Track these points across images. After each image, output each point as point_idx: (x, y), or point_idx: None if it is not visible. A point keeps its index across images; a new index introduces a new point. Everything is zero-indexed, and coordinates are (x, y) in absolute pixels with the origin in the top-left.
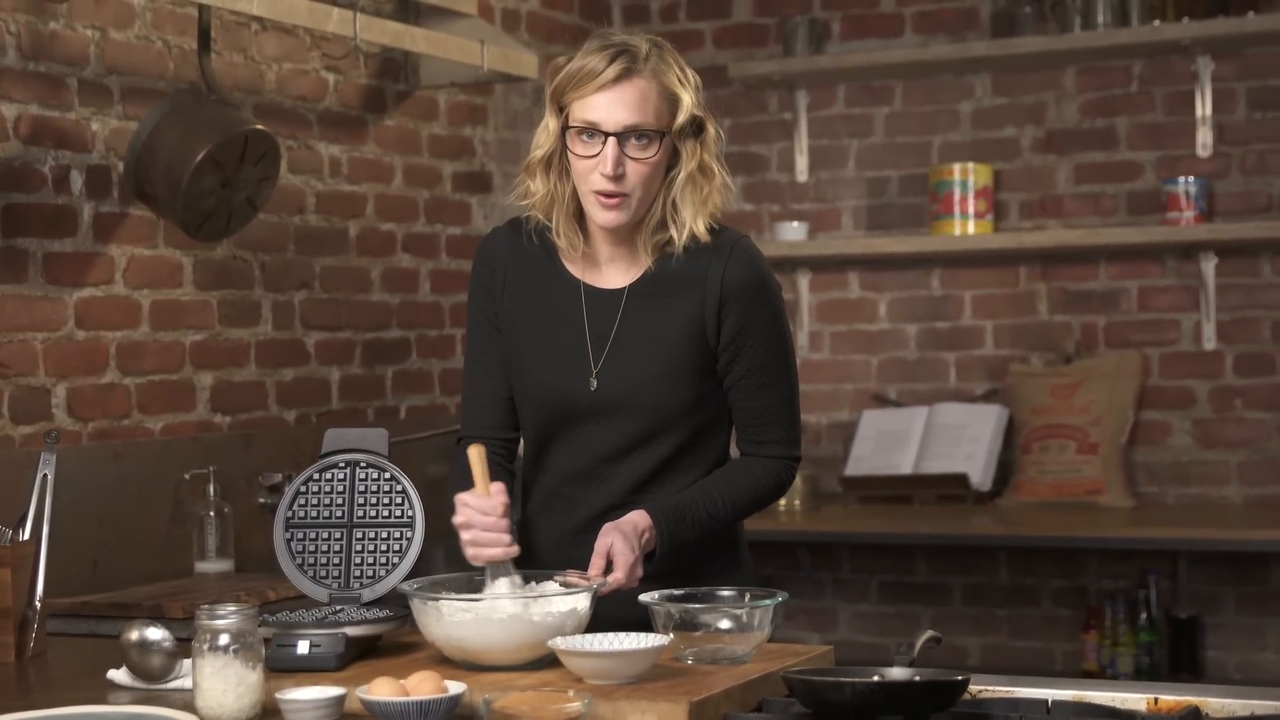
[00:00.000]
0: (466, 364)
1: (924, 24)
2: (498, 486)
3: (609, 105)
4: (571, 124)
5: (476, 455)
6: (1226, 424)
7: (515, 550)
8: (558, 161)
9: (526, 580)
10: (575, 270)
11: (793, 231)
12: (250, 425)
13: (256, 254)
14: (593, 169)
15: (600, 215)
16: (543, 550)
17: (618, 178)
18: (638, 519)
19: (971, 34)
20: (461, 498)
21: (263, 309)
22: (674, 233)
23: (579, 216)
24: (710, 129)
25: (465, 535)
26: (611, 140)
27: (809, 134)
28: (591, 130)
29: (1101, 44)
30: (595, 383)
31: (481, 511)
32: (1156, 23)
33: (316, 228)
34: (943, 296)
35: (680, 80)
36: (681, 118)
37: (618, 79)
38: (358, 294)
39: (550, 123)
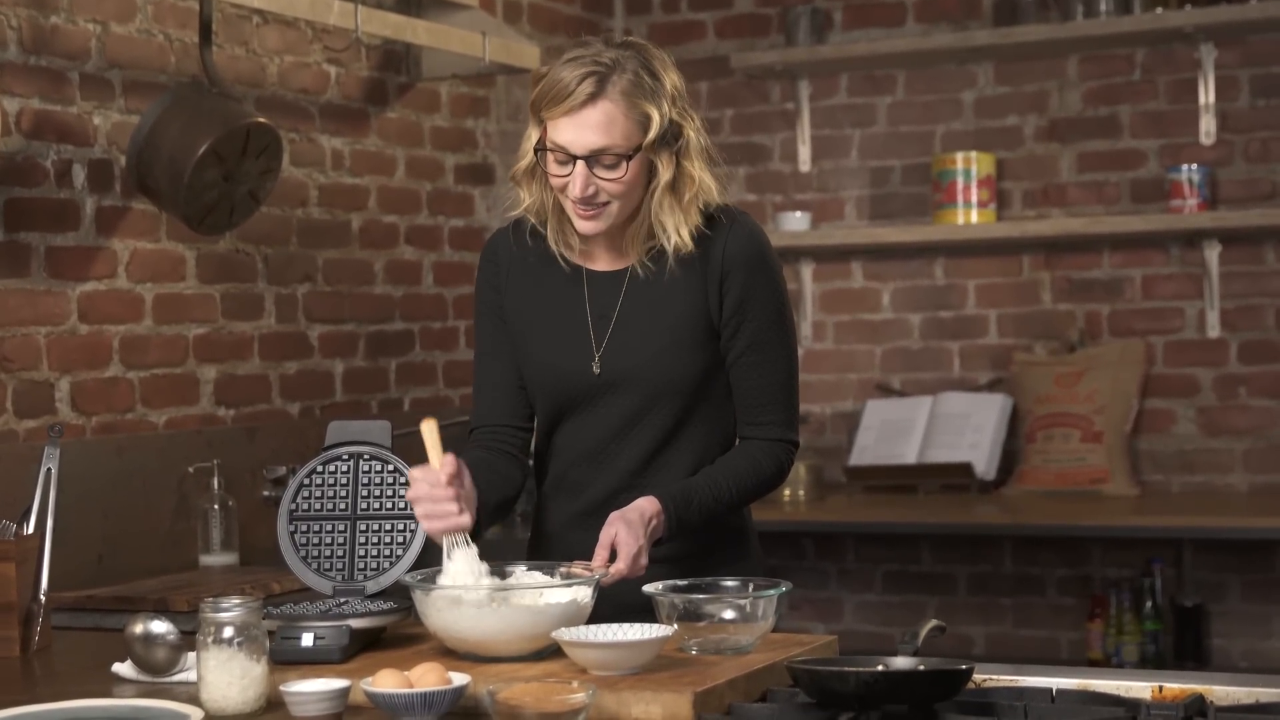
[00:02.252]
0: (476, 358)
1: (926, 13)
2: (447, 458)
3: (576, 129)
4: (545, 144)
5: (429, 429)
6: (1231, 412)
7: (465, 520)
8: (541, 171)
9: (503, 569)
10: (576, 258)
11: (796, 221)
12: (254, 418)
13: (259, 247)
14: (566, 186)
15: (580, 225)
16: (553, 534)
17: (588, 197)
18: (644, 505)
19: (974, 23)
20: (412, 472)
21: (266, 302)
22: (662, 241)
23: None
24: (689, 133)
25: (417, 510)
26: (580, 163)
27: (811, 124)
28: (562, 151)
29: (1104, 32)
30: (599, 362)
31: (428, 484)
32: (1159, 10)
33: (319, 220)
34: (946, 286)
35: (653, 93)
36: (652, 134)
37: (585, 103)
38: (361, 286)
39: (532, 133)
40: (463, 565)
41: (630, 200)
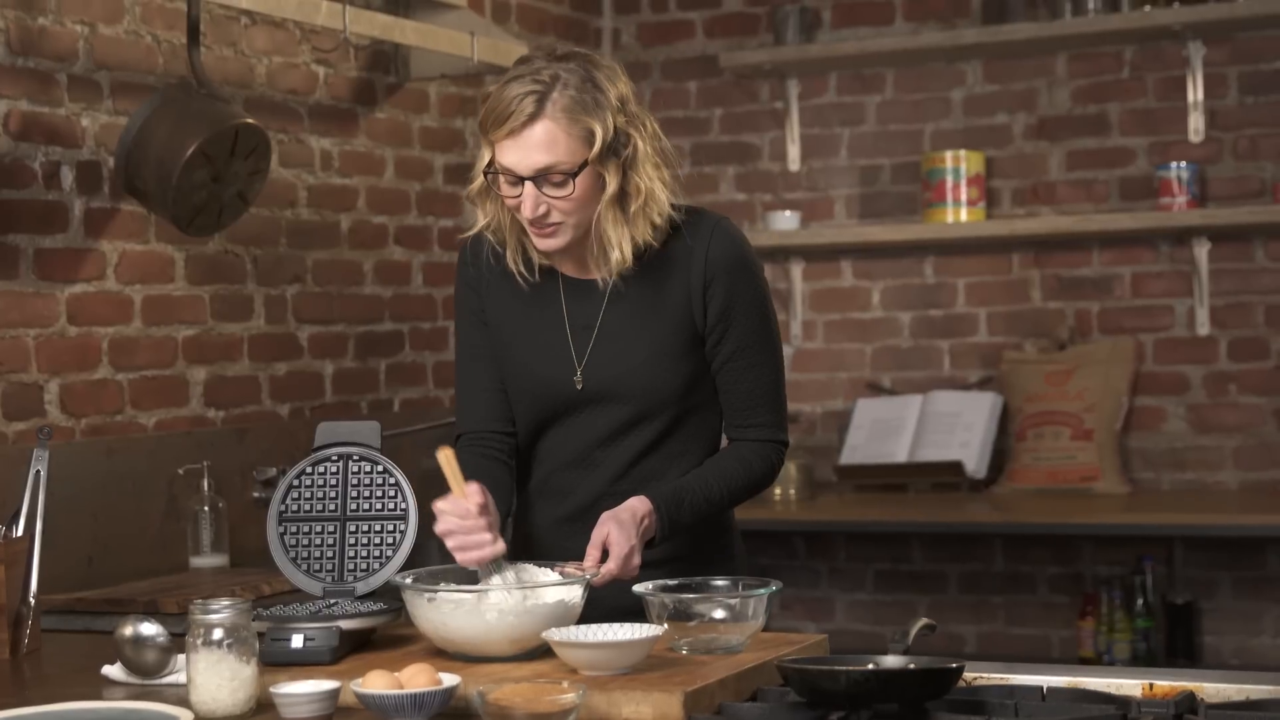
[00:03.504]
0: (458, 363)
1: (915, 11)
2: (473, 487)
3: (520, 150)
4: (495, 165)
5: (446, 459)
6: (1221, 409)
7: (501, 548)
8: (495, 192)
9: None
10: (555, 264)
11: (785, 221)
12: (244, 420)
13: (248, 248)
14: (518, 206)
15: (539, 243)
16: (537, 539)
17: (539, 217)
18: (636, 505)
19: (962, 21)
20: (438, 506)
21: (255, 303)
22: (611, 255)
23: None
24: (637, 142)
25: (450, 543)
26: (528, 184)
27: (801, 123)
28: (510, 173)
29: (1092, 30)
30: (581, 375)
31: (459, 516)
32: (1147, 8)
33: (308, 221)
34: (936, 284)
35: (596, 106)
36: (596, 148)
37: (525, 123)
38: (350, 287)
39: (484, 154)
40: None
41: (585, 215)
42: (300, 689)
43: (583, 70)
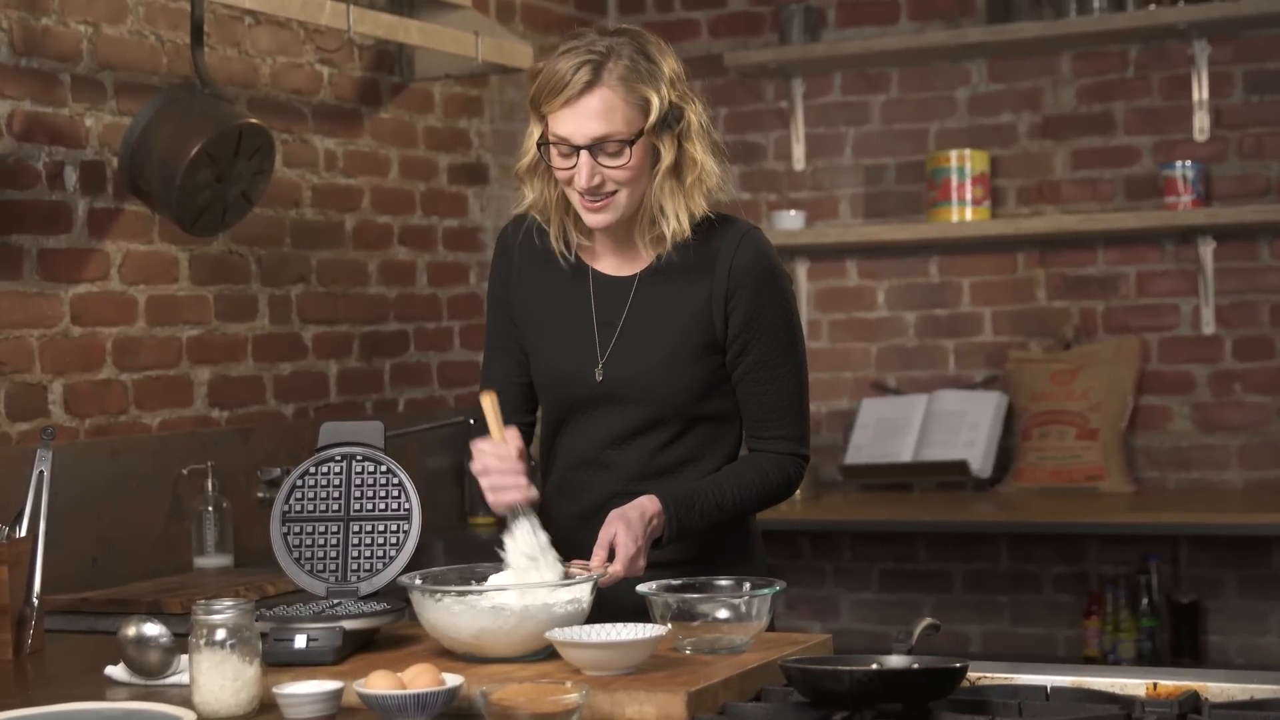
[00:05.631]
0: (485, 349)
1: (920, 10)
2: (511, 432)
3: (576, 119)
4: (547, 138)
5: (490, 403)
6: (1226, 408)
7: (534, 494)
8: (544, 167)
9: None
10: (586, 258)
11: (790, 220)
12: (248, 420)
13: (252, 248)
14: (571, 179)
15: (588, 218)
16: (554, 534)
17: (594, 188)
18: (646, 504)
19: (967, 20)
20: (477, 444)
21: (259, 303)
22: (662, 227)
23: (577, 217)
24: (690, 115)
25: (484, 481)
26: (584, 153)
27: (805, 122)
28: (565, 143)
29: (1097, 28)
30: (601, 370)
31: (497, 457)
32: (1152, 6)
33: (312, 221)
34: (941, 284)
35: (651, 77)
36: (653, 117)
37: (582, 92)
38: (355, 287)
39: (534, 130)
40: (525, 536)
41: (637, 188)
42: (303, 689)
43: (635, 43)
